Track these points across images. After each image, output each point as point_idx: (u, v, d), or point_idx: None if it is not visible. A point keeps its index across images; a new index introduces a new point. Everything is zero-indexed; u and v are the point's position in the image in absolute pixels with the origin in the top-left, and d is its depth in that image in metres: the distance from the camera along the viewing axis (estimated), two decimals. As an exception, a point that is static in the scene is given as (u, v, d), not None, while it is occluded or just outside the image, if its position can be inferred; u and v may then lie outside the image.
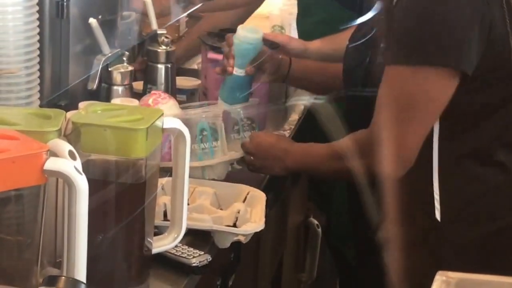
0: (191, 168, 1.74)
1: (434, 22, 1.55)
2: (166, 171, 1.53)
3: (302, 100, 2.09)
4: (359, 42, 1.77)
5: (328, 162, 1.74)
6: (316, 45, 2.16)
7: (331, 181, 2.17)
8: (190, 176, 1.43)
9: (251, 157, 1.83)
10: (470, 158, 1.64)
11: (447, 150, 1.63)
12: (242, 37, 1.96)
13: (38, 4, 1.61)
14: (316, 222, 2.66)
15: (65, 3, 1.80)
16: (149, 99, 1.82)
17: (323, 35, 2.13)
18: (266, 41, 2.12)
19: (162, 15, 2.28)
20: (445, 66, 1.56)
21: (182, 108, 1.90)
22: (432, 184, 1.63)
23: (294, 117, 2.34)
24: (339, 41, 2.00)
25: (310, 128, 2.24)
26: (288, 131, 2.22)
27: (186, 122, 1.72)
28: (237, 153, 1.85)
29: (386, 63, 1.59)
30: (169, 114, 1.62)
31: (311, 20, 2.41)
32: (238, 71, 1.96)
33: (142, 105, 1.81)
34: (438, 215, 1.63)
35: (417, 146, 1.60)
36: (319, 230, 2.66)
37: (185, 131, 1.38)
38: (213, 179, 1.82)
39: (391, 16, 1.59)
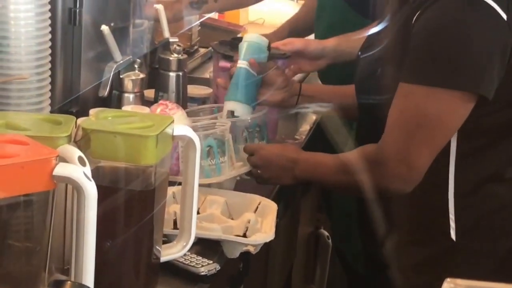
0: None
1: (454, 45, 1.53)
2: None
3: (311, 108, 2.08)
4: (370, 53, 1.76)
5: (335, 175, 1.72)
6: (332, 43, 2.17)
7: (339, 193, 2.15)
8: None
9: (258, 171, 1.82)
10: (487, 176, 1.63)
11: (464, 169, 1.62)
12: (249, 37, 1.99)
13: (50, 10, 1.62)
14: (326, 233, 2.65)
15: (77, 10, 1.81)
16: (157, 109, 1.82)
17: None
18: (275, 52, 2.12)
19: (175, 20, 2.28)
20: (461, 90, 1.54)
21: (192, 113, 1.89)
22: (448, 203, 1.62)
23: (305, 127, 2.34)
24: (355, 40, 2.01)
25: (320, 138, 2.24)
26: (300, 141, 2.21)
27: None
28: (244, 167, 1.84)
29: (402, 80, 1.58)
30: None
31: (326, 22, 2.42)
32: (241, 63, 1.96)
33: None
34: (453, 234, 1.62)
35: (425, 165, 1.59)
36: (330, 241, 2.65)
37: (195, 138, 1.37)
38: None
39: (408, 33, 1.58)
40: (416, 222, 1.65)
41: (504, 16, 1.53)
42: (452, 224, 1.62)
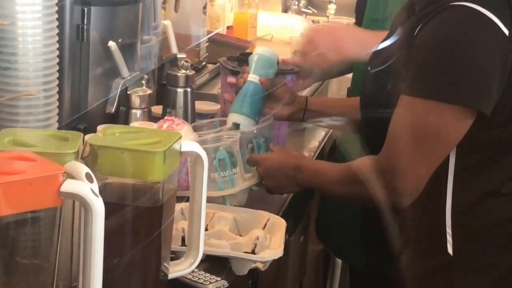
0: (212, 197, 1.73)
1: (455, 59, 1.52)
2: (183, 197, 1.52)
3: (321, 122, 2.08)
4: (379, 68, 1.76)
5: (334, 185, 1.72)
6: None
7: (339, 202, 2.14)
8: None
9: (263, 181, 1.82)
10: (484, 191, 1.62)
11: (462, 184, 1.61)
12: (260, 50, 1.99)
13: (58, 27, 1.62)
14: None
15: (85, 27, 1.81)
16: (163, 125, 1.81)
17: None
18: (283, 68, 2.12)
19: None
20: (460, 105, 1.53)
21: (195, 128, 1.89)
22: (445, 217, 1.61)
23: (314, 143, 2.33)
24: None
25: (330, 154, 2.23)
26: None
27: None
28: (254, 178, 1.84)
29: (402, 93, 1.58)
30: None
31: None
32: (251, 77, 1.96)
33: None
34: (450, 249, 1.61)
35: (423, 179, 1.58)
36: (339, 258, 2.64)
37: (203, 154, 1.37)
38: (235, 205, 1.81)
39: (411, 46, 1.58)
40: (414, 236, 1.64)
41: (506, 31, 1.52)
42: (449, 238, 1.61)
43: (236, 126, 1.93)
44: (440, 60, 1.53)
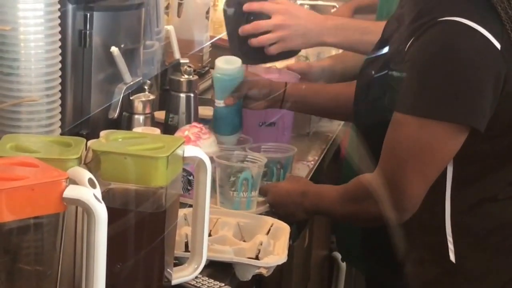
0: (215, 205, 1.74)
1: (446, 76, 1.51)
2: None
3: (325, 128, 2.08)
4: (372, 77, 1.76)
5: (337, 206, 1.72)
6: (329, 63, 2.20)
7: (345, 224, 2.15)
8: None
9: (273, 209, 1.83)
10: (483, 198, 1.62)
11: (460, 192, 1.61)
12: (219, 70, 1.99)
13: (60, 32, 1.62)
14: (340, 255, 2.63)
15: (88, 32, 1.81)
16: (188, 130, 1.81)
17: None
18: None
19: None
20: (453, 122, 1.53)
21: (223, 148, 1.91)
22: (445, 225, 1.60)
23: (318, 148, 2.32)
24: (348, 58, 2.10)
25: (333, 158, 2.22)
26: (312, 162, 2.20)
27: (227, 167, 1.77)
28: (267, 204, 1.85)
29: (395, 109, 1.57)
30: (210, 152, 1.61)
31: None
32: (217, 102, 1.99)
33: (181, 135, 1.79)
34: (452, 257, 1.60)
35: (419, 194, 1.58)
36: (344, 264, 2.63)
37: (206, 159, 1.36)
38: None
39: (401, 61, 1.57)
40: (416, 244, 1.64)
41: (498, 45, 1.51)
42: (451, 246, 1.60)
43: (221, 144, 1.96)
44: (431, 77, 1.52)
